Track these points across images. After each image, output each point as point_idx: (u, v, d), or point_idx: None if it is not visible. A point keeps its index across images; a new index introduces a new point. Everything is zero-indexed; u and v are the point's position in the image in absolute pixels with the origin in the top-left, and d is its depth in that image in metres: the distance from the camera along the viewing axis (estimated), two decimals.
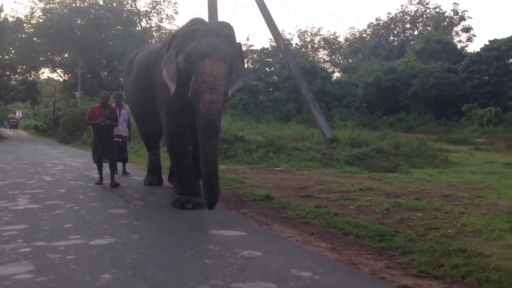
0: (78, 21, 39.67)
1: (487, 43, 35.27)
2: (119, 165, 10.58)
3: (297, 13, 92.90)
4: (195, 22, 6.83)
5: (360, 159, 13.26)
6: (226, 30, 6.49)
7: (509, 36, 33.93)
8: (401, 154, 14.53)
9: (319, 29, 69.43)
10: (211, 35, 6.21)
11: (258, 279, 4.15)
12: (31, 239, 5.22)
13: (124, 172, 10.97)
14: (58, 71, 45.22)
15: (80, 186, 9.21)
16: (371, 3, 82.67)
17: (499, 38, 34.64)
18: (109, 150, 9.06)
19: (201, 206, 6.85)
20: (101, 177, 9.23)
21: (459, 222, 6.36)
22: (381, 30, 54.70)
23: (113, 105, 10.24)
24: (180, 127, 7.01)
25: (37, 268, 4.23)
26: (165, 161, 9.82)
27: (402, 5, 55.42)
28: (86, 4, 40.21)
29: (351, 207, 7.46)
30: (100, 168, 9.21)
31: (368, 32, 56.15)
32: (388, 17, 54.37)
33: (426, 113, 34.69)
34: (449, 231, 5.94)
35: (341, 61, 58.73)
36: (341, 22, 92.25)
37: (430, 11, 52.64)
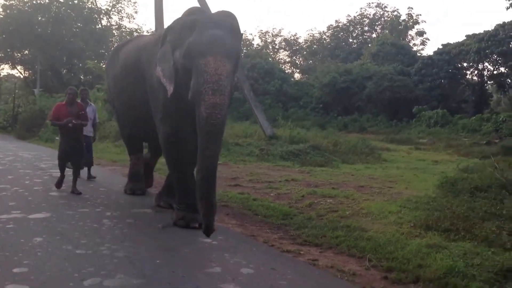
0: (39, 18, 39.63)
1: (441, 47, 36.65)
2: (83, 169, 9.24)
3: (259, 14, 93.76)
4: (193, 12, 5.87)
5: (295, 155, 14.21)
6: (229, 20, 5.62)
7: (460, 40, 35.38)
8: (338, 151, 15.56)
9: (280, 30, 70.50)
10: (213, 26, 5.37)
11: (164, 243, 5.06)
12: None
13: (90, 177, 9.59)
14: (18, 67, 44.99)
15: (28, 174, 9.92)
16: (332, 5, 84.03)
17: (452, 43, 36.07)
18: (76, 154, 7.85)
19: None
20: (61, 179, 8.00)
21: (358, 206, 7.33)
22: (340, 32, 55.90)
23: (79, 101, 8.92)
24: (178, 132, 6.08)
25: None
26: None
27: (361, 8, 56.72)
28: (47, 0, 40.18)
29: (272, 194, 8.37)
30: (62, 171, 7.97)
31: (327, 34, 57.22)
32: (347, 19, 55.59)
33: (379, 114, 35.77)
34: (347, 213, 6.91)
35: (302, 62, 59.85)
36: (302, 24, 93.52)
37: (388, 14, 54.06)
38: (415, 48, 47.81)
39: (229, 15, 5.70)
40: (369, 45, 50.03)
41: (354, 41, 56.25)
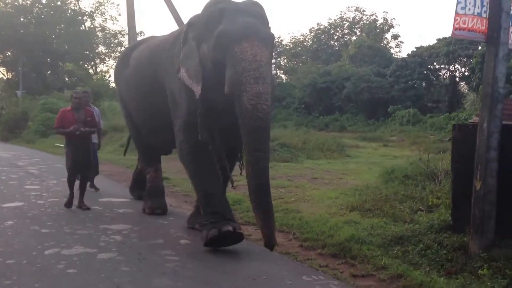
0: (21, 19, 39.99)
1: (415, 49, 37.86)
2: None
3: None
4: (217, 1, 5.12)
5: None
6: (259, 9, 5.06)
7: (431, 44, 36.60)
8: (306, 148, 16.41)
9: None
10: (243, 13, 4.85)
11: (121, 223, 5.91)
12: None
13: (92, 186, 8.51)
14: (1, 69, 45.31)
15: (4, 171, 10.77)
16: (314, 8, 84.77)
17: (424, 46, 37.28)
18: (84, 164, 6.97)
19: (239, 229, 5.06)
20: (71, 196, 6.91)
21: (304, 194, 8.20)
22: (322, 34, 56.82)
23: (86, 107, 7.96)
24: (202, 141, 5.23)
25: None
26: None
27: (341, 12, 57.90)
28: (29, 2, 40.54)
29: (229, 186, 9.17)
30: (71, 186, 6.97)
31: (310, 36, 58.11)
32: (328, 22, 56.53)
33: (358, 114, 36.71)
34: (292, 199, 7.77)
35: (286, 64, 60.70)
36: (286, 26, 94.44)
37: (367, 17, 55.11)
38: (392, 51, 48.88)
39: (257, 4, 5.14)
40: (349, 47, 51.10)
41: (336, 43, 57.21)
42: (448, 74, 36.79)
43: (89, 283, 3.88)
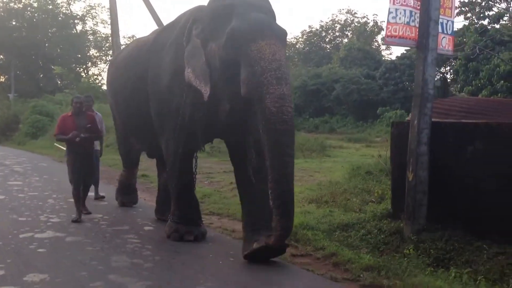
0: (13, 23, 40.38)
1: (404, 51, 38.35)
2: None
3: None
4: None
5: None
6: (267, 5, 4.80)
7: None
8: None
9: None
10: (253, 9, 4.55)
11: (92, 213, 6.42)
12: None
13: (97, 196, 7.89)
14: None
15: None
16: (306, 11, 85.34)
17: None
18: (87, 172, 6.58)
19: (203, 238, 5.37)
20: (79, 211, 6.25)
21: None
22: (313, 37, 57.34)
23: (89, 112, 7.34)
24: (191, 145, 5.30)
25: None
26: None
27: (333, 14, 58.52)
28: (21, 5, 40.95)
29: (206, 182, 9.72)
30: (78, 200, 6.36)
31: (301, 39, 58.64)
32: (320, 25, 57.08)
33: (347, 115, 37.16)
34: None
35: None
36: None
37: (359, 20, 55.68)
38: (383, 53, 49.39)
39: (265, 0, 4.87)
40: (340, 50, 51.59)
41: (327, 46, 57.72)
42: (438, 76, 37.29)
43: (55, 259, 4.41)
